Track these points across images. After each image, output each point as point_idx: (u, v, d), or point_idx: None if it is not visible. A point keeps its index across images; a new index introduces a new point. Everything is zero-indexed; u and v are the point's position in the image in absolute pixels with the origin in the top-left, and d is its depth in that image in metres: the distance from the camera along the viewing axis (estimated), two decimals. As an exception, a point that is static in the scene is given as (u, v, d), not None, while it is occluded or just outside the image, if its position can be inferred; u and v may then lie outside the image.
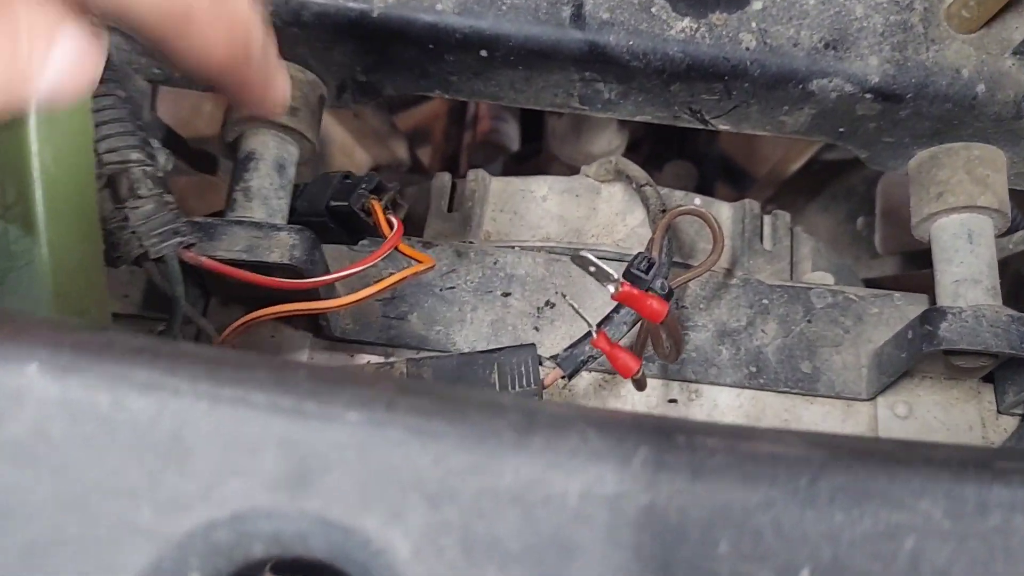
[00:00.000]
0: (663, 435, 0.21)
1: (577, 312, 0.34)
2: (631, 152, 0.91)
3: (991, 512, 0.21)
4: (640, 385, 0.38)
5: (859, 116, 0.43)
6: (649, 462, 0.20)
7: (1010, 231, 0.61)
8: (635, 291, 0.33)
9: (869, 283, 0.74)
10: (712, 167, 0.97)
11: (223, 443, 0.21)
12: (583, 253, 0.32)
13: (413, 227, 0.53)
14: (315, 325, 0.45)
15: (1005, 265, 0.57)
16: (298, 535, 0.20)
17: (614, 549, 0.20)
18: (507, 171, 0.89)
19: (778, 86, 0.41)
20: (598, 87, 0.43)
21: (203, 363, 0.22)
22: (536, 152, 0.87)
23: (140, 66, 0.46)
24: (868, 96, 0.41)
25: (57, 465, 0.20)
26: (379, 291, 0.37)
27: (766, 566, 0.20)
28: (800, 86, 0.41)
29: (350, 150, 0.83)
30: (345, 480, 0.20)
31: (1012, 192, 0.45)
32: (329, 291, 0.42)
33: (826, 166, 0.78)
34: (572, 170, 0.69)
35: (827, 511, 0.20)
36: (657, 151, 0.93)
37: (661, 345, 0.40)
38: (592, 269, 0.33)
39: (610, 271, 0.33)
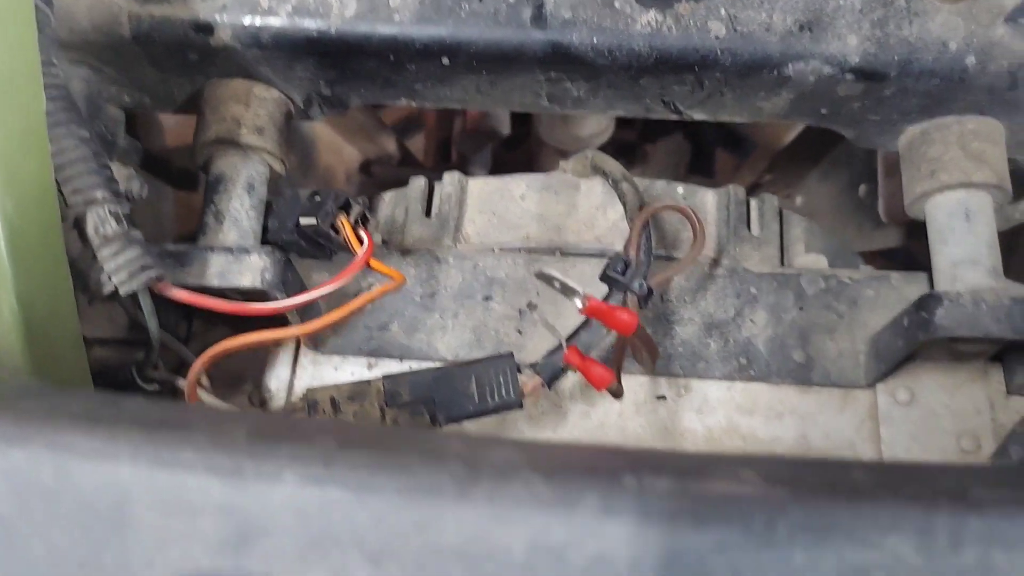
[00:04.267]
0: (611, 478, 0.20)
1: (548, 328, 0.33)
2: (625, 127, 0.89)
3: (966, 547, 0.20)
4: (616, 394, 0.38)
5: (841, 97, 0.41)
6: (597, 509, 0.20)
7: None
8: (603, 306, 0.32)
9: (873, 255, 0.72)
10: (712, 135, 0.95)
11: (164, 509, 0.20)
12: (546, 271, 0.31)
13: (393, 232, 0.52)
14: (295, 341, 0.45)
15: (1017, 235, 0.54)
16: (244, 599, 0.20)
17: (563, 601, 0.19)
18: (496, 157, 0.88)
19: (752, 73, 0.39)
20: (566, 86, 0.41)
21: (143, 427, 0.21)
22: (526, 136, 0.85)
23: (111, 95, 0.45)
24: (849, 77, 0.39)
25: (3, 539, 0.20)
26: (349, 313, 0.37)
27: (722, 611, 0.19)
28: (775, 71, 0.39)
29: (338, 147, 0.82)
30: (286, 541, 0.20)
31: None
32: (307, 309, 0.41)
33: (824, 132, 0.76)
34: (561, 154, 0.68)
35: (786, 551, 0.19)
36: (652, 124, 0.91)
37: (639, 352, 0.39)
38: (557, 285, 0.32)
39: (575, 287, 0.32)
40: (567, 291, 0.32)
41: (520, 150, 0.86)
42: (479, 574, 0.20)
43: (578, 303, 0.32)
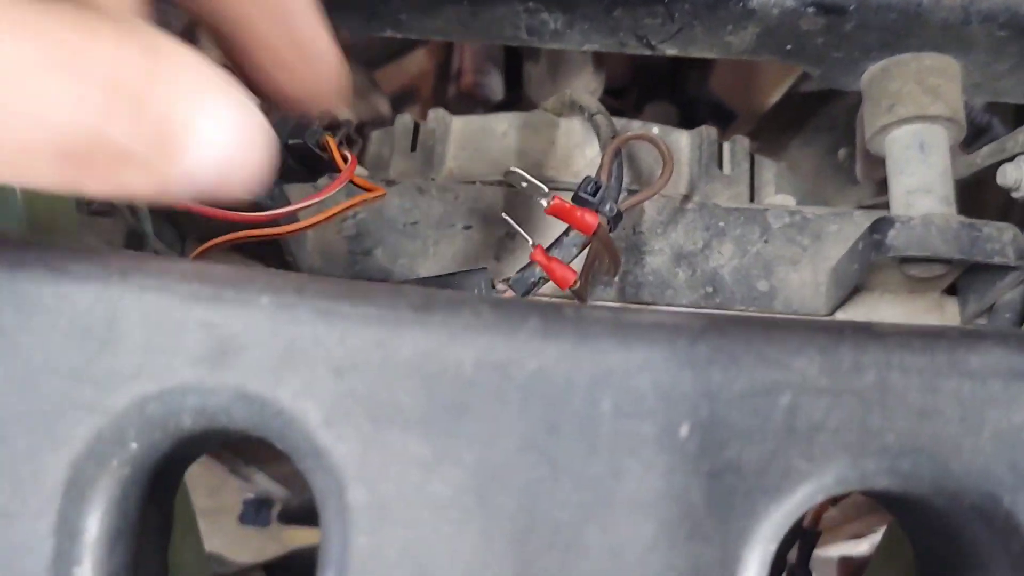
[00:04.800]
0: (553, 309, 0.23)
1: (516, 228, 0.35)
2: (618, 98, 0.92)
3: (866, 370, 0.22)
4: (580, 296, 0.40)
5: (804, 32, 0.43)
6: (537, 331, 0.22)
7: (985, 141, 0.61)
8: (566, 204, 0.35)
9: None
10: (702, 110, 0.97)
11: (151, 327, 0.23)
12: (513, 169, 0.33)
13: (380, 169, 0.54)
14: (283, 263, 0.47)
15: (984, 182, 0.57)
16: (221, 407, 0.22)
17: (504, 410, 0.22)
18: (489, 121, 0.90)
19: (719, 5, 0.41)
20: (543, 17, 0.43)
21: (132, 260, 0.24)
22: (518, 101, 0.87)
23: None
24: (810, 10, 0.41)
25: (6, 349, 0.23)
26: (328, 217, 0.39)
27: (646, 423, 0.22)
28: (741, 4, 0.41)
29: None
30: (260, 357, 0.22)
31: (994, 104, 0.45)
32: (291, 225, 0.43)
33: (807, 98, 0.78)
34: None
35: (705, 371, 0.22)
36: (644, 97, 0.93)
37: (604, 260, 0.41)
38: (524, 184, 0.34)
39: (541, 185, 0.34)
40: (533, 189, 0.34)
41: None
42: (431, 386, 0.22)
43: (543, 202, 0.35)
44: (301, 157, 0.45)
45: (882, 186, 0.71)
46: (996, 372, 0.22)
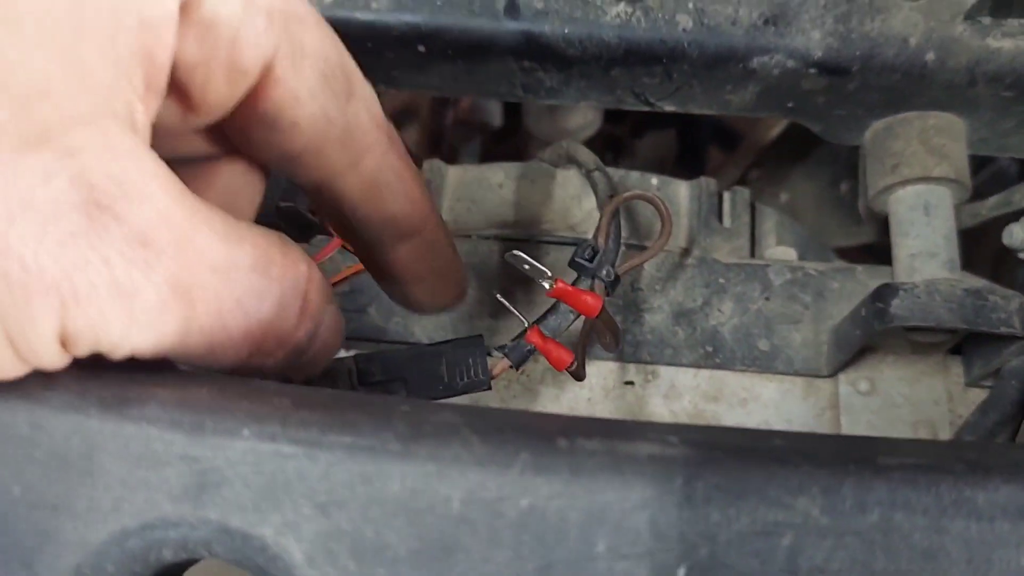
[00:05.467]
0: (544, 439, 0.22)
1: (510, 309, 0.35)
2: (615, 123, 0.91)
3: (870, 509, 0.21)
4: (577, 376, 0.39)
5: (806, 91, 0.42)
6: (529, 466, 0.21)
7: (989, 174, 0.60)
8: (568, 288, 0.34)
9: (851, 251, 0.74)
10: (704, 132, 0.96)
11: (130, 459, 0.22)
12: (515, 252, 0.33)
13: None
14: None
15: (984, 233, 0.56)
16: (202, 541, 0.22)
17: (496, 549, 0.21)
18: (486, 150, 0.89)
19: (718, 66, 0.40)
20: (539, 76, 0.43)
21: (112, 384, 0.23)
22: (516, 129, 0.86)
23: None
24: (812, 71, 0.41)
25: (-20, 484, 0.22)
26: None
27: (642, 564, 0.21)
28: (741, 64, 0.40)
29: (330, 137, 0.83)
30: (242, 491, 0.21)
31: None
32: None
33: (809, 130, 0.77)
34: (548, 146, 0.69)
35: (703, 510, 0.21)
36: (643, 120, 0.92)
37: (604, 336, 0.41)
38: (526, 267, 0.33)
39: (544, 269, 0.34)
40: (535, 273, 0.33)
41: (509, 142, 0.87)
42: (419, 523, 0.21)
43: (545, 285, 0.34)
44: (292, 219, 0.44)
45: (886, 226, 0.70)
46: (1004, 512, 0.21)
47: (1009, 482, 0.21)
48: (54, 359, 0.20)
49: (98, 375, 0.23)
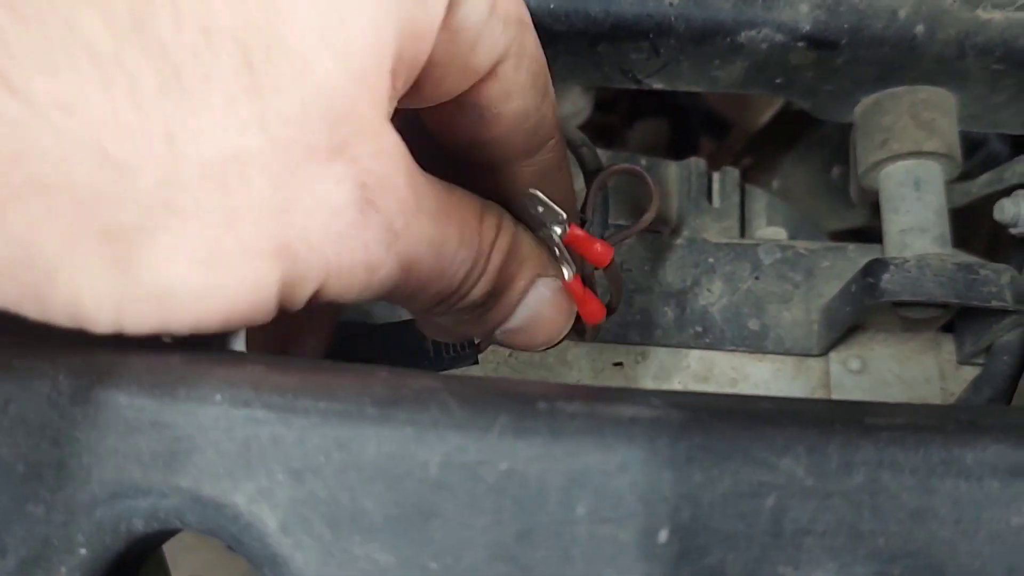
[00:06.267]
0: (524, 402, 0.21)
1: (547, 203, 0.32)
2: (607, 111, 0.90)
3: (856, 469, 0.21)
4: (593, 335, 0.38)
5: (794, 66, 0.41)
6: (508, 429, 0.21)
7: (982, 156, 0.60)
8: (582, 234, 0.33)
9: (843, 235, 0.73)
10: (696, 122, 0.96)
11: (100, 427, 0.21)
12: (532, 191, 0.32)
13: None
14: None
15: (977, 214, 0.55)
16: (174, 511, 0.21)
17: (475, 514, 0.20)
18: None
19: (705, 40, 0.40)
20: (525, 51, 0.42)
21: (82, 351, 0.22)
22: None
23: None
24: (800, 44, 0.40)
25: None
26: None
27: (624, 527, 0.20)
28: (728, 39, 0.40)
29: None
30: (214, 458, 0.21)
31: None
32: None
33: (799, 115, 0.77)
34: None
35: (685, 471, 0.21)
36: (635, 109, 0.91)
37: (608, 293, 0.40)
38: (540, 208, 0.32)
39: (559, 210, 0.33)
40: (550, 214, 0.32)
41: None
42: (396, 489, 0.21)
43: (558, 229, 0.33)
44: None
45: (876, 209, 0.70)
46: (994, 470, 0.21)
47: (999, 441, 0.21)
48: (297, 308, 0.23)
49: (69, 344, 0.23)
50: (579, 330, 0.39)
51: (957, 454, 0.21)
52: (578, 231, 0.35)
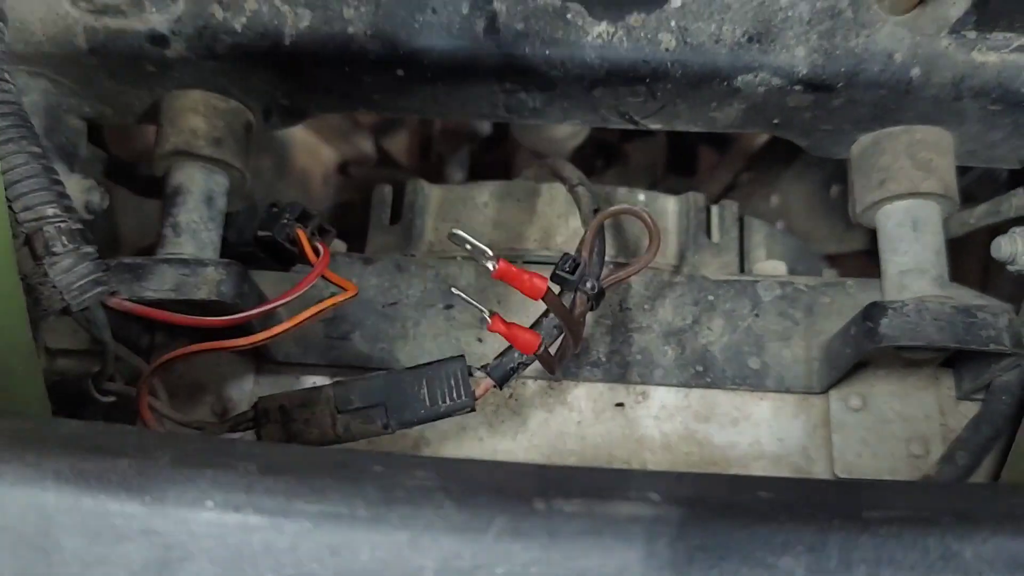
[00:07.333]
0: (521, 501, 0.21)
1: (467, 300, 0.33)
2: (606, 129, 0.89)
3: (856, 567, 0.20)
4: (549, 367, 0.38)
5: (791, 108, 0.41)
6: (505, 531, 0.21)
7: (987, 185, 0.59)
8: (512, 268, 0.33)
9: (843, 257, 0.73)
10: (694, 137, 0.95)
11: (88, 534, 0.21)
12: (456, 231, 0.32)
13: (358, 239, 0.53)
14: (256, 353, 0.46)
15: (970, 241, 0.55)
16: (167, 620, 0.21)
17: (471, 621, 0.20)
18: (474, 157, 0.88)
19: (702, 84, 0.40)
20: (521, 97, 0.42)
21: (68, 455, 0.22)
22: (505, 136, 0.85)
23: (71, 106, 0.45)
24: (797, 88, 0.40)
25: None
26: (293, 326, 0.38)
27: (623, 630, 0.20)
28: (725, 83, 0.39)
29: (314, 149, 0.82)
30: (207, 567, 0.21)
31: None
32: (265, 320, 0.42)
33: (797, 135, 0.76)
34: (536, 155, 0.68)
35: (685, 573, 0.20)
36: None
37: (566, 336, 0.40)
38: (468, 247, 0.32)
39: (485, 248, 0.33)
40: (477, 253, 0.32)
41: (497, 151, 0.86)
42: (391, 596, 0.20)
43: (489, 265, 0.33)
44: (271, 249, 0.43)
45: (875, 234, 0.69)
46: (992, 565, 0.20)
47: (997, 533, 0.21)
48: None
49: (58, 444, 0.23)
50: (547, 363, 0.39)
51: (956, 549, 0.20)
52: (508, 265, 0.35)
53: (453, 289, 0.35)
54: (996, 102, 0.40)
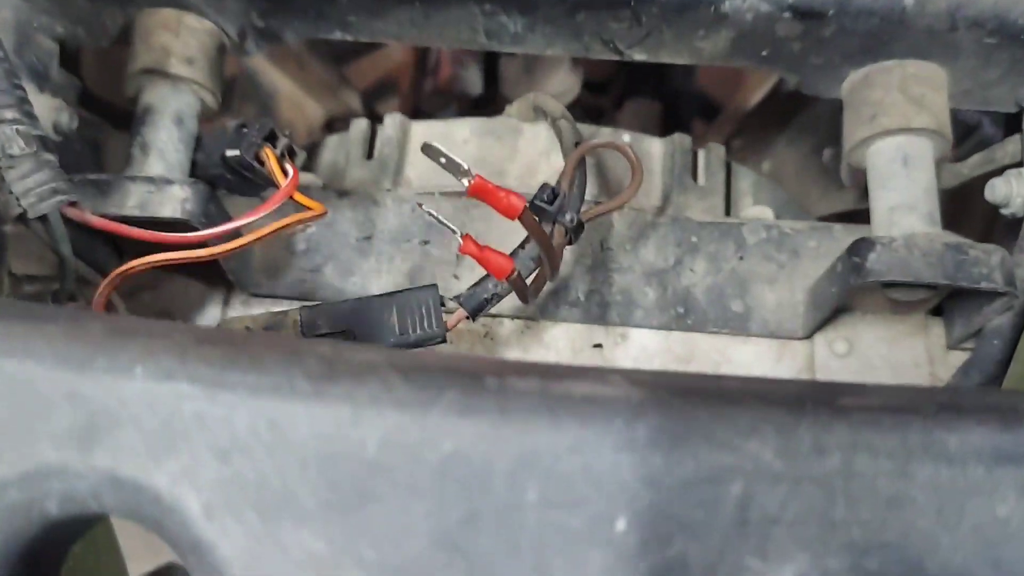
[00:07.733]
0: (473, 378, 0.20)
1: (439, 220, 0.32)
2: (598, 93, 0.88)
3: (830, 453, 0.19)
4: (523, 296, 0.37)
5: (781, 37, 0.40)
6: (454, 407, 0.19)
7: (975, 141, 0.58)
8: (488, 185, 0.32)
9: (833, 218, 0.72)
10: (688, 104, 0.94)
11: (12, 401, 0.20)
12: (430, 143, 0.30)
13: (336, 177, 0.51)
14: (227, 281, 0.44)
15: (971, 192, 0.54)
16: (90, 492, 0.20)
17: (415, 499, 0.19)
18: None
19: (688, 9, 0.38)
20: (502, 20, 0.40)
21: (-6, 320, 0.21)
22: (495, 97, 0.84)
23: (42, 24, 0.44)
24: (787, 15, 0.38)
25: None
26: (255, 240, 0.36)
27: (578, 514, 0.19)
28: (712, 7, 0.38)
29: (300, 102, 0.81)
30: (135, 435, 0.19)
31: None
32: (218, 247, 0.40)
33: (791, 96, 0.75)
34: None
35: (644, 454, 0.19)
36: (628, 91, 0.89)
37: (543, 262, 0.38)
38: (443, 160, 0.31)
39: (460, 162, 0.31)
40: (452, 167, 0.31)
41: (488, 112, 0.85)
42: (330, 471, 0.19)
43: (464, 181, 0.32)
44: (239, 169, 0.42)
45: (866, 192, 0.68)
46: (978, 456, 0.19)
47: (984, 424, 0.19)
48: None
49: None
50: (520, 291, 0.37)
51: (938, 437, 0.19)
52: (484, 182, 0.34)
53: (424, 207, 0.33)
54: (992, 34, 0.38)
